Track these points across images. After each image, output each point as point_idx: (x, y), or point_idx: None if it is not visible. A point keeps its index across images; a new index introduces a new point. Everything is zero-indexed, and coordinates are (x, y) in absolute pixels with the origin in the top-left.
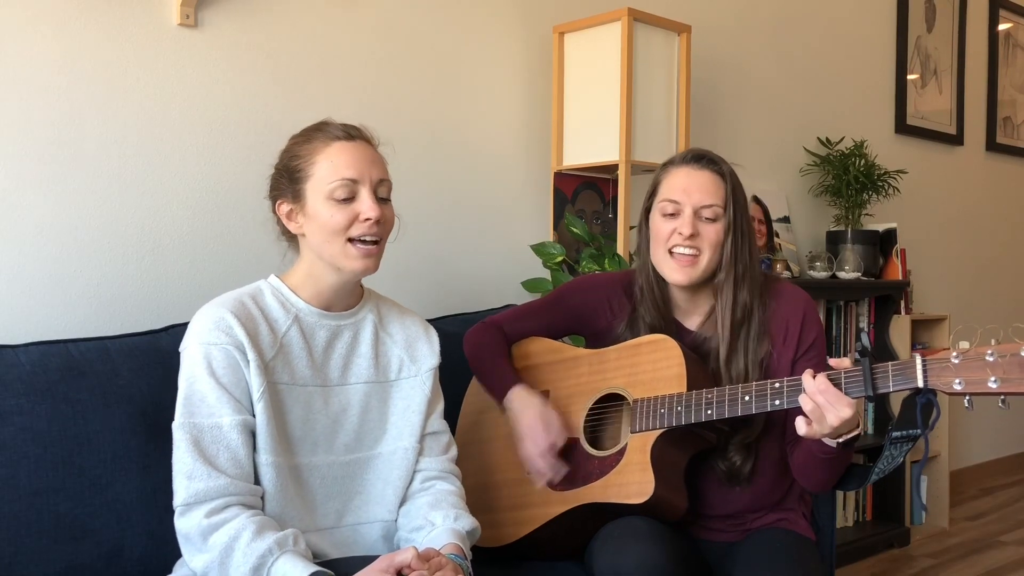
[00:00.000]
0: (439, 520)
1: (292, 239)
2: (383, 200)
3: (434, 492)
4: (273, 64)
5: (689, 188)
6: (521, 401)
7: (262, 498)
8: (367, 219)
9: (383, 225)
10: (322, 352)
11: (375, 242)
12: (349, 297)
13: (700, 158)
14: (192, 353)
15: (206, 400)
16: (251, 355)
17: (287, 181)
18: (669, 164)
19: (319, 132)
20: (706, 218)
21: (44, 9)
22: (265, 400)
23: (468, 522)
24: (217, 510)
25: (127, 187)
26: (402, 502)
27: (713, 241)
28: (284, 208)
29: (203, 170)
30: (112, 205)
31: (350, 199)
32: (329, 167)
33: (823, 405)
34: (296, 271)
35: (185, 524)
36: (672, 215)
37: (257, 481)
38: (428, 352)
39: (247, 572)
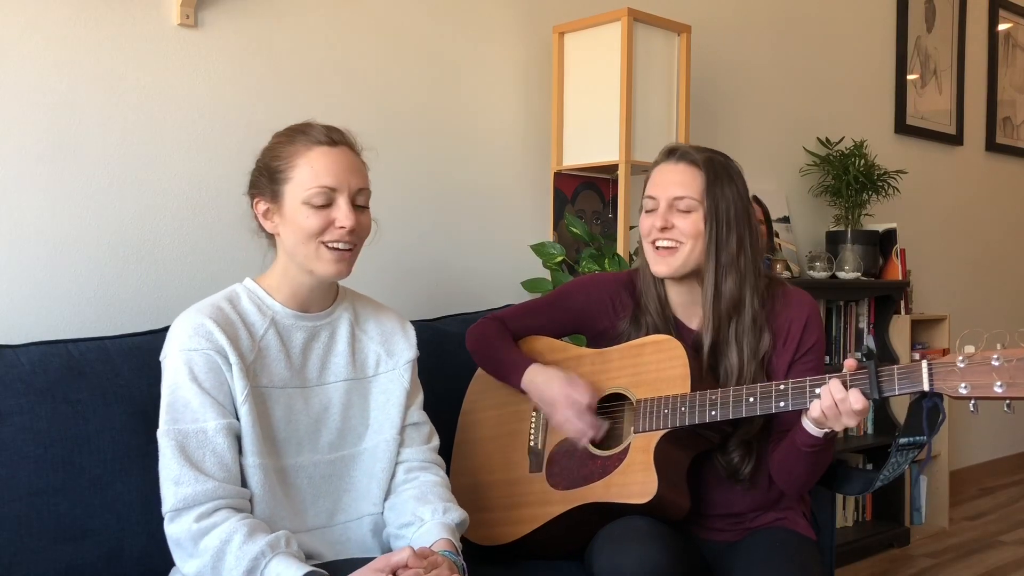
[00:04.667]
0: (427, 515)
1: (269, 237)
2: (360, 208)
3: (419, 484)
4: (273, 64)
5: (663, 182)
6: (543, 374)
7: (251, 501)
8: (341, 227)
9: (357, 233)
10: (300, 354)
11: (348, 248)
12: (325, 297)
13: (674, 152)
14: (173, 361)
15: (190, 406)
16: (233, 359)
17: (266, 180)
18: (653, 163)
19: (302, 134)
20: (680, 210)
21: (44, 10)
22: (249, 403)
23: (456, 515)
24: (207, 514)
25: (127, 187)
26: (387, 495)
27: (689, 232)
28: (261, 206)
29: (203, 170)
30: (112, 205)
31: (327, 205)
32: (309, 172)
33: (845, 412)
34: (272, 272)
35: (175, 529)
36: (651, 211)
37: (245, 484)
38: (405, 346)
39: (240, 575)
